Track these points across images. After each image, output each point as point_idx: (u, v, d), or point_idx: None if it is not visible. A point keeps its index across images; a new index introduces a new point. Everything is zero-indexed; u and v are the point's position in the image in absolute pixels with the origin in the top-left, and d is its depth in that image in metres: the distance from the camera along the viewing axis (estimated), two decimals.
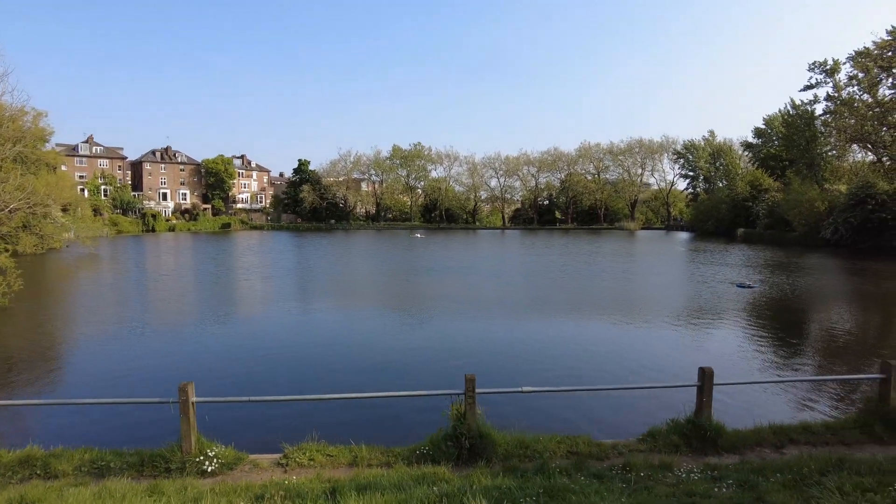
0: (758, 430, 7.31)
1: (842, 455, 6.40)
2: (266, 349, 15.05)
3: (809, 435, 7.24)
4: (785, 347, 15.53)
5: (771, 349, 15.13)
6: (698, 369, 7.09)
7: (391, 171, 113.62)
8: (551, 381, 11.16)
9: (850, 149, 64.80)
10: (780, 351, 15.09)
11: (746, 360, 13.88)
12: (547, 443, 6.94)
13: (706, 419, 7.05)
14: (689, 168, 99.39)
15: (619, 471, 6.03)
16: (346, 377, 12.56)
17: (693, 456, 6.75)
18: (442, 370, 12.91)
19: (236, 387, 11.61)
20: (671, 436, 7.07)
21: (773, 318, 19.55)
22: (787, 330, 17.89)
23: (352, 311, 21.65)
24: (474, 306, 21.55)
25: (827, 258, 42.66)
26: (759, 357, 14.20)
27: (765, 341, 15.98)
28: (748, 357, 14.16)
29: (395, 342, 15.93)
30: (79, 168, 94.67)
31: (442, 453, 6.67)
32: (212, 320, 19.48)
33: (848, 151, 65.49)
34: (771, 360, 14.06)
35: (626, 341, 16.06)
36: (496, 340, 15.96)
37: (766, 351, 14.89)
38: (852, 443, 7.12)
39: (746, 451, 6.92)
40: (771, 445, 7.05)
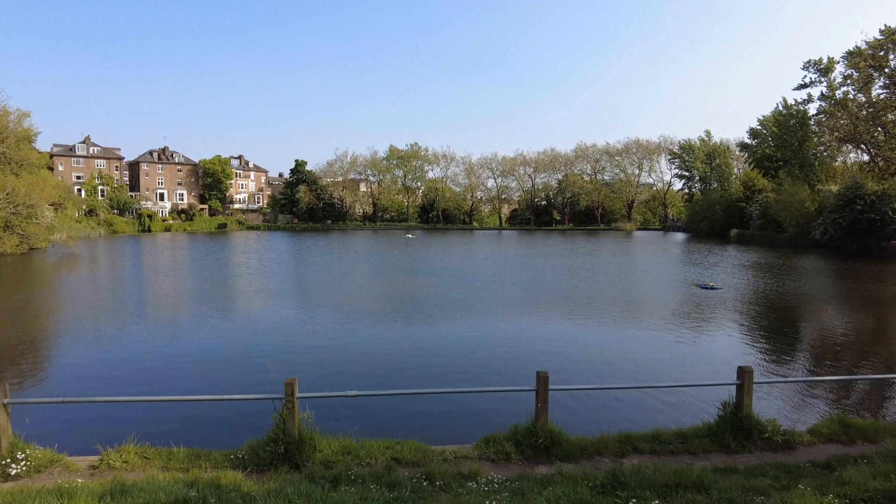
0: (603, 438, 7.02)
1: (678, 467, 6.10)
2: (133, 351, 14.81)
3: (657, 444, 6.94)
4: (684, 348, 15.09)
5: (668, 352, 14.68)
6: (536, 373, 6.80)
7: (388, 172, 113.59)
8: (431, 383, 10.97)
9: (842, 149, 63.94)
10: (672, 353, 14.66)
11: (647, 363, 13.53)
12: (371, 448, 6.71)
13: (541, 426, 6.76)
14: (685, 168, 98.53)
15: (417, 480, 5.75)
16: (191, 379, 12.34)
17: (523, 464, 6.48)
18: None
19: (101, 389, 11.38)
20: (505, 443, 6.79)
21: (705, 320, 19.07)
22: (709, 332, 17.25)
23: (239, 312, 21.04)
24: (391, 306, 21.44)
25: (809, 259, 42.02)
26: (653, 360, 13.78)
27: (666, 343, 15.54)
28: (649, 361, 13.77)
29: (260, 342, 15.73)
30: (76, 168, 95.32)
31: (259, 459, 6.45)
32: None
33: (840, 152, 64.62)
34: (652, 365, 13.61)
35: (528, 341, 15.80)
36: (349, 343, 15.61)
37: (657, 354, 14.46)
38: (699, 452, 6.82)
39: (583, 460, 6.63)
40: (612, 454, 6.77)
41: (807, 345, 15.65)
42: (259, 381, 11.45)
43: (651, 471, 5.34)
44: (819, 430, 7.30)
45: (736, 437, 6.92)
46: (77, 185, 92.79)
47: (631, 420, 8.94)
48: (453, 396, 10.01)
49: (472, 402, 9.98)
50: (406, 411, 9.38)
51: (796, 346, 15.36)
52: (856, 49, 55.91)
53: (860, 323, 18.62)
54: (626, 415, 9.45)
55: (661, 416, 9.17)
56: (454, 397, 10.06)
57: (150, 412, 9.14)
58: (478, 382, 11.19)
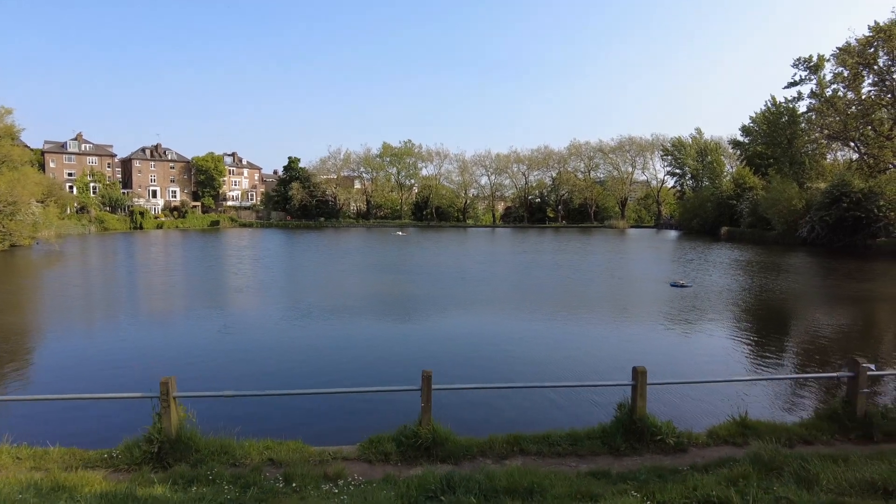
0: (491, 439, 6.89)
1: (551, 470, 5.95)
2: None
3: (545, 445, 6.80)
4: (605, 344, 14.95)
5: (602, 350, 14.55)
6: (421, 372, 6.65)
7: (381, 169, 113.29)
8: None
9: (831, 147, 63.71)
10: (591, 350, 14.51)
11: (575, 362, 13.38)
12: (250, 449, 6.57)
13: (424, 426, 6.62)
14: (676, 166, 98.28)
15: (275, 481, 5.61)
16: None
17: (400, 466, 6.35)
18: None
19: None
20: (387, 443, 6.65)
21: (660, 318, 18.89)
22: (656, 331, 17.03)
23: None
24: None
25: (792, 257, 41.83)
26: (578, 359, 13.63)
27: (601, 340, 15.46)
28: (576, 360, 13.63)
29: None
30: (67, 165, 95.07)
31: (132, 458, 6.33)
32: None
33: (829, 149, 64.39)
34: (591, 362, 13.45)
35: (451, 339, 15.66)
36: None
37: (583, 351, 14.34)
38: (587, 454, 6.69)
39: (465, 461, 6.49)
40: (496, 455, 6.63)
41: (753, 343, 15.36)
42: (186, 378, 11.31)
43: (484, 476, 5.17)
44: (717, 432, 7.16)
45: (627, 439, 6.78)
46: (69, 182, 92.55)
47: (544, 419, 8.77)
48: (366, 396, 9.86)
49: (376, 402, 9.84)
50: (309, 410, 9.27)
51: (744, 345, 15.11)
52: (845, 46, 55.65)
53: (816, 321, 18.46)
54: (537, 414, 9.30)
55: (571, 416, 8.99)
56: (366, 396, 9.91)
57: (48, 412, 9.05)
58: (400, 381, 11.09)
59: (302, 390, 9.43)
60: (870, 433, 7.15)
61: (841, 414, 7.36)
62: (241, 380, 11.41)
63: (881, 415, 7.50)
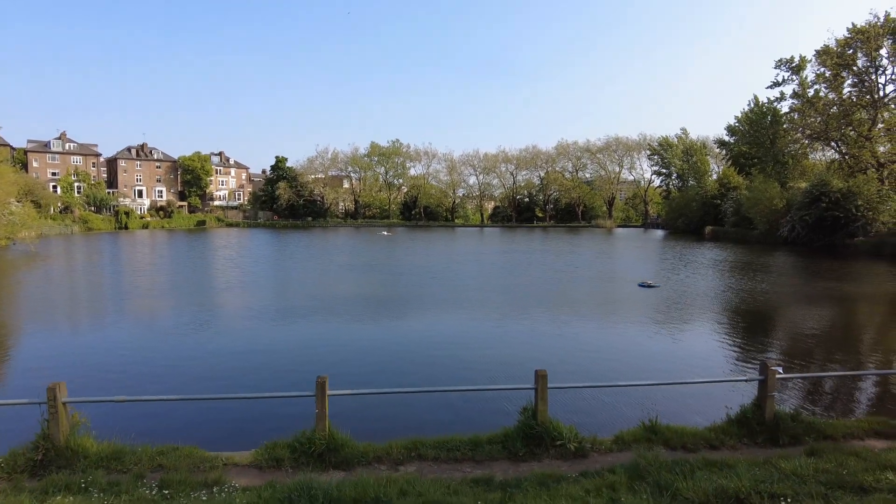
0: (390, 444, 6.77)
1: (436, 478, 5.85)
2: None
3: (443, 450, 6.71)
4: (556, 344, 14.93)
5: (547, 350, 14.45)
6: (316, 378, 6.53)
7: (369, 169, 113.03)
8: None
9: (813, 147, 64.11)
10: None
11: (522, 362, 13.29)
12: (142, 455, 6.44)
13: (319, 432, 6.51)
14: (663, 165, 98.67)
15: (150, 488, 5.48)
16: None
17: (291, 472, 6.23)
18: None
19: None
20: (282, 449, 6.54)
21: (611, 318, 18.87)
22: (607, 331, 17.00)
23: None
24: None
25: (770, 256, 42.02)
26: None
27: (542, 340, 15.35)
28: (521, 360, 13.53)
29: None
30: (51, 165, 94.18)
31: (15, 465, 6.18)
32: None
33: (812, 149, 64.79)
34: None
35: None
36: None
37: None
38: (484, 459, 6.60)
39: (359, 467, 6.38)
40: (392, 461, 6.53)
41: (696, 345, 15.14)
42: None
43: (350, 486, 5.06)
44: (623, 437, 7.08)
45: (527, 444, 6.69)
46: (52, 181, 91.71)
47: (456, 423, 8.61)
48: (290, 401, 9.71)
49: (301, 406, 9.71)
50: (216, 416, 9.15)
51: (688, 347, 14.95)
52: (824, 48, 56.03)
53: (770, 321, 18.50)
54: (450, 418, 9.18)
55: (484, 420, 8.85)
56: (300, 401, 9.77)
57: None
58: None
59: (200, 396, 9.31)
60: (776, 437, 7.10)
61: (750, 418, 7.31)
62: (147, 383, 11.27)
63: (791, 418, 7.46)
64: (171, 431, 8.67)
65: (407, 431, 7.56)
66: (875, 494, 4.63)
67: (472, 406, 9.77)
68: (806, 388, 10.98)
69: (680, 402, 10.03)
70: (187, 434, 8.46)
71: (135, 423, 8.11)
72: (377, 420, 9.10)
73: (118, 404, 8.48)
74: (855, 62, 54.59)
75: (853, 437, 7.34)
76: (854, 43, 53.16)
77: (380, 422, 9.01)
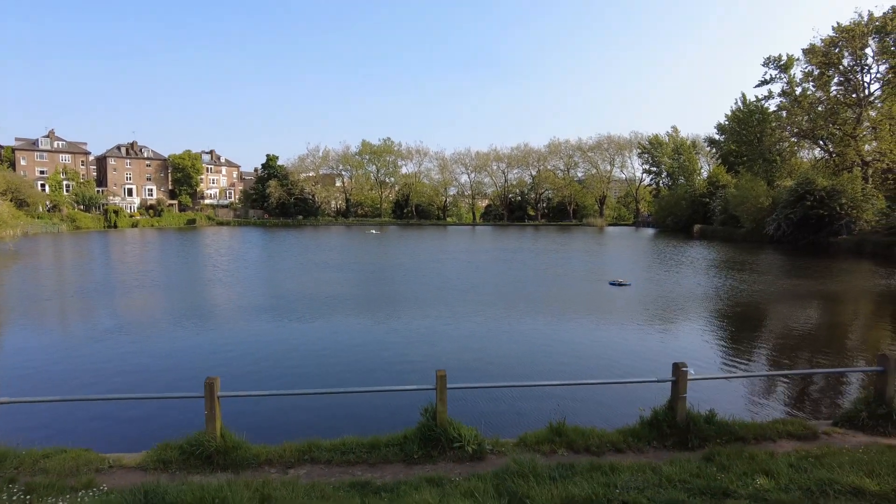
0: (284, 446, 6.61)
1: (312, 482, 5.69)
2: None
3: (337, 453, 6.54)
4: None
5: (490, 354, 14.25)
6: (205, 380, 6.36)
7: (360, 167, 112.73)
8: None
9: (800, 145, 64.14)
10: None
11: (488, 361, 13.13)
12: (25, 458, 6.25)
13: (209, 434, 6.35)
14: (653, 164, 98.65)
15: (12, 492, 5.31)
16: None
17: (181, 473, 6.07)
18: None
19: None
20: (171, 450, 6.38)
21: (566, 316, 18.72)
22: (558, 329, 16.70)
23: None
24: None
25: (752, 254, 41.95)
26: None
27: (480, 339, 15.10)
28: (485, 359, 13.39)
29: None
30: (39, 163, 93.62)
31: None
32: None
33: (800, 147, 64.81)
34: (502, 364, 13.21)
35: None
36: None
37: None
38: (378, 463, 6.43)
39: (248, 469, 6.23)
40: (283, 464, 6.36)
41: (646, 343, 14.92)
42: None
43: (177, 491, 4.89)
44: (526, 439, 6.92)
45: (424, 446, 6.54)
46: (40, 180, 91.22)
47: (364, 425, 8.41)
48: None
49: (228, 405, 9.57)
50: (115, 416, 9.01)
51: (637, 345, 14.77)
52: (811, 46, 56.00)
53: (729, 321, 18.35)
54: (361, 419, 9.02)
55: (397, 421, 8.68)
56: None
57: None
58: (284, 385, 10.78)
59: (91, 396, 9.11)
60: (686, 439, 6.96)
61: (660, 420, 7.17)
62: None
63: (705, 419, 7.32)
64: (84, 433, 8.53)
65: (311, 433, 7.39)
66: (729, 500, 4.48)
67: (383, 407, 9.59)
68: (744, 389, 10.83)
69: (608, 402, 9.88)
70: (94, 435, 8.33)
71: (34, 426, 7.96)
72: (286, 423, 8.94)
73: (26, 405, 8.32)
74: (841, 61, 54.59)
75: (765, 438, 7.20)
76: (840, 41, 53.15)
77: (287, 425, 8.85)
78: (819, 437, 7.30)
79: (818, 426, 7.64)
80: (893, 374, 7.70)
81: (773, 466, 5.23)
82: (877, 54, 52.63)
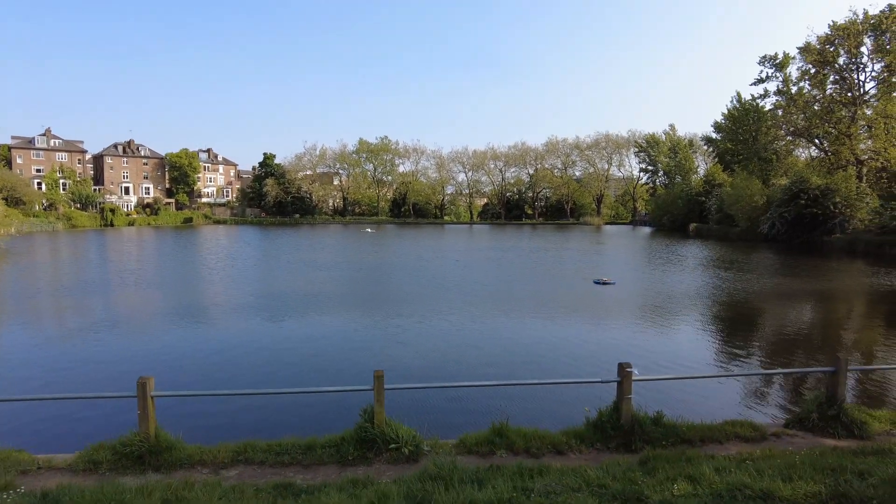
0: (220, 447, 6.54)
1: (231, 485, 5.61)
2: None
3: (271, 454, 6.46)
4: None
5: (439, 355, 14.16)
6: (137, 379, 6.28)
7: (357, 166, 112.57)
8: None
9: (796, 143, 63.92)
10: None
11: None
12: None
13: (141, 435, 6.28)
14: (649, 162, 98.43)
15: None
16: None
17: (111, 475, 6.00)
18: None
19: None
20: (104, 451, 6.31)
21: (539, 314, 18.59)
22: (533, 328, 16.56)
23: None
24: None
25: (745, 253, 41.77)
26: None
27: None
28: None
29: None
30: (35, 161, 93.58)
31: None
32: None
33: (795, 145, 64.59)
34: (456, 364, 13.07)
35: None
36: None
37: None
38: (312, 464, 6.35)
39: (180, 470, 6.16)
40: (216, 465, 6.28)
41: (614, 341, 14.85)
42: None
43: (75, 494, 4.81)
44: (466, 440, 6.83)
45: (360, 447, 6.45)
46: (37, 178, 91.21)
47: (310, 425, 8.31)
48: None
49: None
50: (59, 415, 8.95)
51: (600, 345, 14.63)
52: (806, 44, 55.78)
53: (701, 320, 18.24)
54: (305, 419, 8.95)
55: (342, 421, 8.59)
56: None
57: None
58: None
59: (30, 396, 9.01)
60: (630, 441, 6.88)
61: (605, 421, 7.09)
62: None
63: (653, 421, 7.23)
64: (30, 434, 8.48)
65: (257, 434, 7.33)
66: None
67: (334, 408, 9.48)
68: (704, 390, 10.68)
69: (568, 401, 9.77)
70: (38, 436, 8.26)
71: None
72: (230, 424, 8.85)
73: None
74: (836, 59, 54.37)
75: (713, 440, 7.11)
76: (835, 39, 52.94)
77: (230, 426, 8.76)
78: (767, 440, 7.21)
79: (768, 428, 7.56)
80: (844, 375, 7.64)
81: (699, 471, 5.13)
82: (872, 52, 52.41)
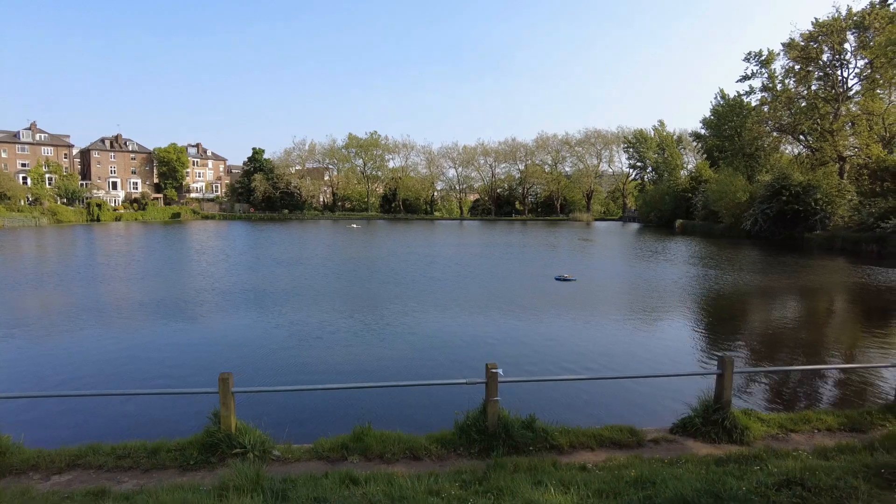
0: (59, 451, 6.31)
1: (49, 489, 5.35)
2: None
3: (114, 458, 6.21)
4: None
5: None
6: None
7: (346, 161, 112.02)
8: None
9: (781, 140, 63.65)
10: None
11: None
12: None
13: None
14: (638, 158, 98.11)
15: None
16: None
17: None
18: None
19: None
20: None
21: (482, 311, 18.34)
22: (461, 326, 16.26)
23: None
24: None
25: (725, 249, 41.58)
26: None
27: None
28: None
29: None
30: (20, 156, 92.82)
31: None
32: None
33: (780, 142, 64.32)
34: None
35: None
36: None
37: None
38: (151, 468, 6.11)
39: (11, 476, 5.92)
40: (49, 470, 6.04)
41: (542, 342, 14.64)
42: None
43: None
44: (321, 445, 6.56)
45: (203, 452, 6.20)
46: (21, 173, 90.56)
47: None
48: None
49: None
50: None
51: (541, 342, 14.52)
52: (790, 41, 55.47)
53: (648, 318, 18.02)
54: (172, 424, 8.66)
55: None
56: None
57: None
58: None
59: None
60: (493, 446, 6.61)
61: (470, 425, 6.82)
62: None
63: (524, 425, 6.96)
64: None
65: (131, 437, 7.03)
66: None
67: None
68: (605, 392, 10.41)
69: (456, 405, 9.50)
70: None
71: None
72: (97, 426, 8.61)
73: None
74: (820, 56, 54.06)
75: (583, 446, 6.85)
76: (818, 36, 52.61)
77: (88, 427, 8.52)
78: (643, 446, 6.95)
79: (647, 434, 7.29)
80: (731, 378, 7.38)
81: (519, 482, 4.86)
82: (855, 49, 52.12)
